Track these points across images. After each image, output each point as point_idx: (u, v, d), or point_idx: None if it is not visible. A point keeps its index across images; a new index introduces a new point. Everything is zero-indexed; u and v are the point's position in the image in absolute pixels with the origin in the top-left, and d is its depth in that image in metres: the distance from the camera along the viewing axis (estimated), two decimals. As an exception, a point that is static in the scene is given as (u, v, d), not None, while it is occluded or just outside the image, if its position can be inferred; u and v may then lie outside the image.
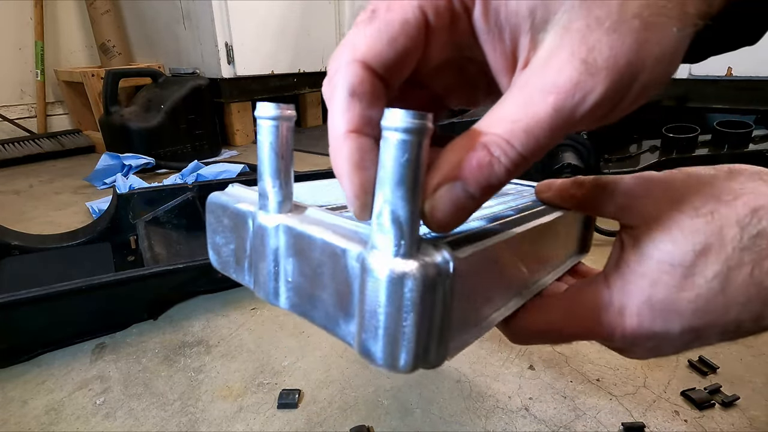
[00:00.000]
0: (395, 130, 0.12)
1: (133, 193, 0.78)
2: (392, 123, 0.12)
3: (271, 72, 1.85)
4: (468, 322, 0.17)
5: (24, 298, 0.50)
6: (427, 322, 0.14)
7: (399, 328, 0.14)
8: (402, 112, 0.12)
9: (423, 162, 0.13)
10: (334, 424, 0.45)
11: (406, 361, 0.14)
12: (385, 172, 0.13)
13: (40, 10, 1.74)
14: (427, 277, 0.14)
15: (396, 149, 0.13)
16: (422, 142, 0.13)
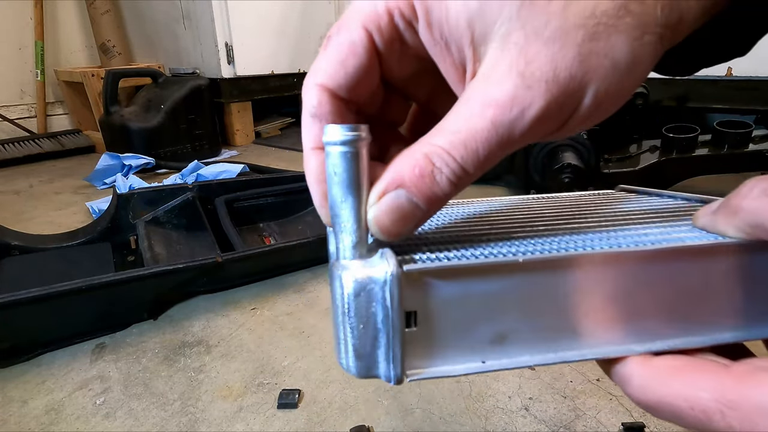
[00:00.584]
0: (332, 144, 0.13)
1: (133, 193, 0.78)
2: (330, 137, 0.13)
3: (271, 72, 1.85)
4: (447, 347, 0.16)
5: (24, 298, 0.50)
6: (360, 328, 0.15)
7: (342, 327, 0.15)
8: (337, 127, 0.13)
9: (362, 170, 0.14)
10: (334, 424, 0.45)
11: (347, 365, 0.15)
12: (329, 181, 0.14)
13: (40, 10, 1.74)
14: (356, 282, 0.14)
15: (334, 160, 0.14)
16: (358, 152, 0.13)
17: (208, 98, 1.57)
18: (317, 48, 1.80)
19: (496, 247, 0.17)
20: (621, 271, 0.16)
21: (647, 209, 0.22)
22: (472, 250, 0.16)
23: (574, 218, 0.21)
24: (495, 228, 0.20)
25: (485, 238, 0.18)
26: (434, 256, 0.16)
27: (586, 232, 0.19)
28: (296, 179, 0.92)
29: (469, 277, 0.15)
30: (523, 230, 0.19)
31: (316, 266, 0.78)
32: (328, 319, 0.63)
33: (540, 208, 0.24)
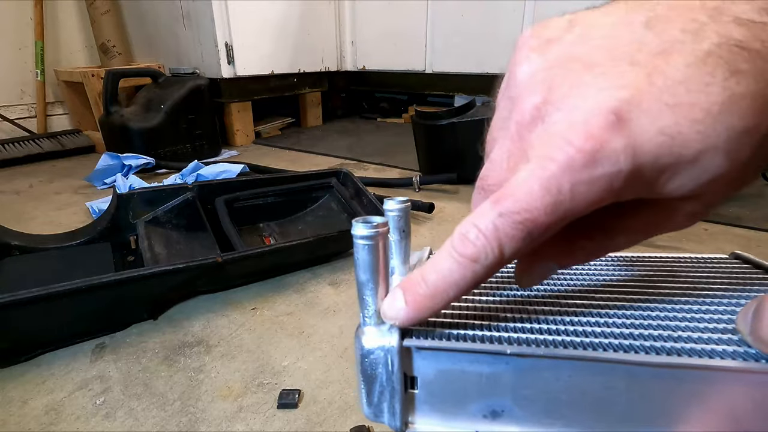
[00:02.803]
0: (356, 237, 0.17)
1: (133, 193, 0.78)
2: (355, 231, 0.17)
3: (271, 72, 1.85)
4: (444, 412, 0.18)
5: (24, 298, 0.50)
6: (370, 383, 0.18)
7: (359, 378, 0.18)
8: (361, 224, 0.17)
9: (379, 258, 0.17)
10: (334, 424, 0.45)
11: (363, 409, 0.19)
12: (355, 265, 0.18)
13: (40, 10, 1.74)
14: (368, 346, 0.18)
15: (357, 250, 0.17)
16: (376, 244, 0.17)
17: (208, 98, 1.57)
18: (317, 48, 1.81)
19: (513, 322, 0.19)
20: (609, 377, 0.16)
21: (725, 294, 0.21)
22: (486, 322, 0.19)
23: (637, 290, 0.22)
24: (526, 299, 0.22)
25: (514, 310, 0.20)
26: (438, 330, 0.18)
27: (615, 306, 0.19)
28: (296, 179, 0.92)
29: (462, 358, 0.17)
30: (563, 300, 0.21)
31: (316, 266, 0.78)
32: (328, 319, 0.63)
33: (612, 275, 0.25)
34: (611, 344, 0.16)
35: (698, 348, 0.16)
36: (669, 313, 0.19)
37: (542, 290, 0.23)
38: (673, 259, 0.26)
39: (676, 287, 0.22)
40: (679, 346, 0.16)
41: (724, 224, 0.91)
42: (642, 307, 0.19)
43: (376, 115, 2.34)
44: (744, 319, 0.16)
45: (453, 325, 0.19)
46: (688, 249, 0.81)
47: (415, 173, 1.26)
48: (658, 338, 0.17)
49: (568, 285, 0.23)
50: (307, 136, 1.96)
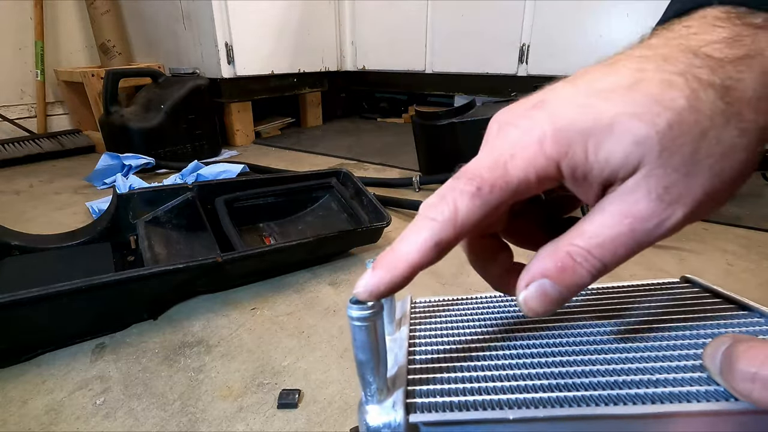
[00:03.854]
0: (352, 319, 0.17)
1: (133, 193, 0.78)
2: (350, 314, 0.17)
3: (271, 72, 1.85)
4: None
5: (24, 298, 0.50)
6: None
7: None
8: (355, 307, 0.17)
9: (377, 338, 0.18)
10: (334, 424, 0.45)
11: None
12: (353, 344, 0.18)
13: (40, 10, 1.74)
14: (373, 425, 0.18)
15: (354, 331, 0.17)
16: (372, 325, 0.17)
17: (208, 98, 1.57)
18: (317, 48, 1.81)
19: (509, 380, 0.20)
20: (603, 429, 0.18)
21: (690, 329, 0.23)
22: (484, 384, 0.20)
23: (603, 328, 0.23)
24: (518, 339, 0.23)
25: (506, 367, 0.21)
26: (440, 400, 0.19)
27: (609, 358, 0.21)
28: (296, 179, 0.92)
29: (466, 427, 0.18)
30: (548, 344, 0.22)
31: (316, 266, 0.78)
32: (328, 319, 0.63)
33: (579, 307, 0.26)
34: (601, 396, 0.18)
35: (676, 392, 0.18)
36: (643, 353, 0.21)
37: (519, 323, 0.25)
38: (630, 288, 0.28)
39: (641, 318, 0.24)
40: (660, 391, 0.18)
41: (724, 224, 0.91)
42: (618, 348, 0.21)
43: (376, 115, 2.34)
44: (712, 361, 0.18)
45: (453, 392, 0.20)
46: (690, 249, 0.81)
47: (415, 173, 1.26)
48: (641, 384, 0.18)
49: (543, 320, 0.25)
50: (307, 136, 1.96)
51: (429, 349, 0.23)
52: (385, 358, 0.19)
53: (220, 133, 1.66)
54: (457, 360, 0.22)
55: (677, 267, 0.75)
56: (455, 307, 0.28)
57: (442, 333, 0.25)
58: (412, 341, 0.24)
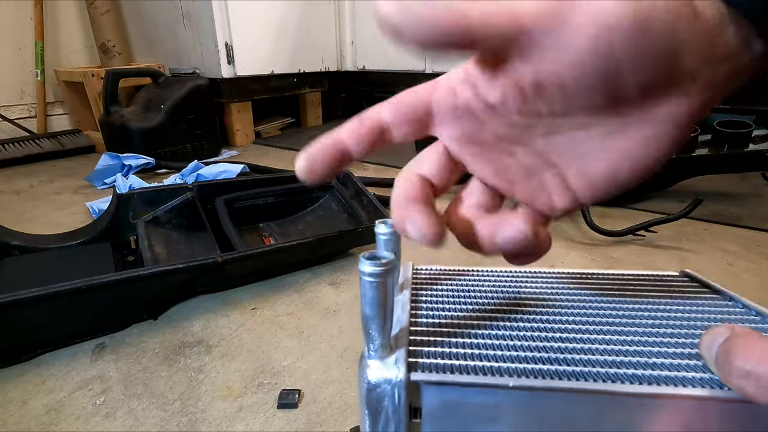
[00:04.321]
0: (363, 274, 0.17)
1: (133, 193, 0.78)
2: (362, 269, 0.17)
3: (271, 72, 1.85)
4: None
5: (24, 298, 0.50)
6: (376, 414, 0.19)
7: (363, 410, 0.19)
8: (368, 262, 0.17)
9: (387, 294, 0.18)
10: (334, 424, 0.45)
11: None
12: (362, 300, 0.18)
13: (40, 10, 1.74)
14: (374, 380, 0.18)
15: (365, 286, 0.18)
16: (384, 281, 0.17)
17: (208, 98, 1.57)
18: (317, 48, 1.81)
19: (509, 350, 0.20)
20: (598, 406, 0.18)
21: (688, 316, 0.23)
22: (485, 351, 0.20)
23: (605, 311, 0.24)
24: (517, 313, 0.23)
25: (507, 338, 0.21)
26: (441, 362, 0.19)
27: (599, 338, 0.21)
28: (296, 179, 0.92)
29: (465, 389, 0.18)
30: (545, 322, 0.22)
31: (316, 266, 0.78)
32: (328, 319, 0.63)
33: (581, 288, 0.27)
34: (599, 373, 0.18)
35: (672, 376, 0.18)
36: (641, 337, 0.21)
37: (522, 305, 0.25)
38: (632, 276, 0.29)
39: (641, 306, 0.24)
40: (656, 374, 0.18)
41: (725, 224, 0.91)
42: (617, 330, 0.22)
43: (376, 115, 2.33)
44: (709, 351, 0.18)
45: (453, 355, 0.20)
46: (690, 249, 0.81)
47: (415, 173, 1.26)
48: (638, 365, 0.19)
49: (544, 298, 0.25)
50: (307, 136, 1.96)
51: (431, 314, 0.24)
52: (392, 316, 0.19)
53: (220, 133, 1.66)
54: (459, 327, 0.22)
55: (677, 267, 0.75)
56: (458, 277, 0.29)
57: (444, 299, 0.25)
58: (414, 305, 0.25)
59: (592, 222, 0.84)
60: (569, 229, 0.91)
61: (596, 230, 0.83)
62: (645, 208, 0.99)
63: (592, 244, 0.84)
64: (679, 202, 1.01)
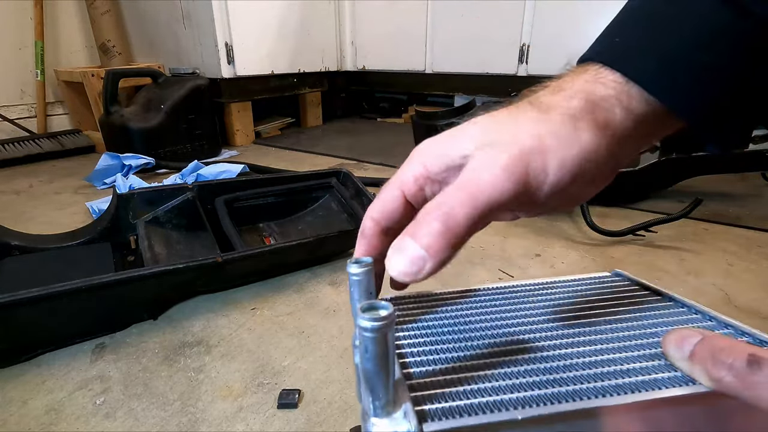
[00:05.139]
0: (364, 329, 0.16)
1: (133, 193, 0.78)
2: (362, 324, 0.17)
3: (271, 72, 1.85)
4: None
5: (24, 298, 0.50)
6: None
7: None
8: (367, 317, 0.16)
9: (389, 348, 0.17)
10: (334, 424, 0.45)
11: None
12: (362, 356, 0.17)
13: (40, 10, 1.74)
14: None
15: (366, 342, 0.17)
16: (385, 335, 0.17)
17: (208, 98, 1.57)
18: (317, 48, 1.81)
19: (503, 379, 0.20)
20: (605, 420, 0.19)
21: (641, 323, 0.25)
22: (482, 384, 0.20)
23: (569, 326, 0.25)
24: (500, 346, 0.24)
25: (492, 363, 0.22)
26: (446, 405, 0.19)
27: (582, 353, 0.22)
28: (296, 179, 0.92)
29: (478, 430, 0.18)
30: (528, 350, 0.23)
31: (316, 266, 0.78)
32: (328, 319, 0.63)
33: (538, 305, 0.28)
34: (589, 389, 0.19)
35: (648, 380, 0.20)
36: (606, 345, 0.23)
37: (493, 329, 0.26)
38: (572, 281, 0.31)
39: (589, 312, 0.26)
40: (634, 380, 0.20)
41: (725, 224, 0.91)
42: (583, 341, 0.23)
43: (376, 115, 2.34)
44: (678, 351, 0.20)
45: (455, 395, 0.20)
46: (689, 249, 0.81)
47: (415, 173, 1.26)
48: (617, 375, 0.20)
49: (510, 314, 0.27)
50: (307, 136, 1.96)
51: (419, 351, 0.24)
52: (394, 369, 0.18)
53: (220, 133, 1.66)
54: (447, 361, 0.22)
55: (677, 267, 0.75)
56: (427, 303, 0.29)
57: (424, 332, 0.26)
58: (398, 342, 0.24)
59: (592, 222, 0.84)
60: (569, 229, 0.91)
61: (596, 230, 0.83)
62: (645, 208, 0.99)
63: (592, 244, 0.84)
64: (679, 202, 1.01)
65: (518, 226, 0.93)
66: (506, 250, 0.83)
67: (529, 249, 0.83)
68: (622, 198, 1.02)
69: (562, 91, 0.22)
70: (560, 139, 0.20)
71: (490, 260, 0.79)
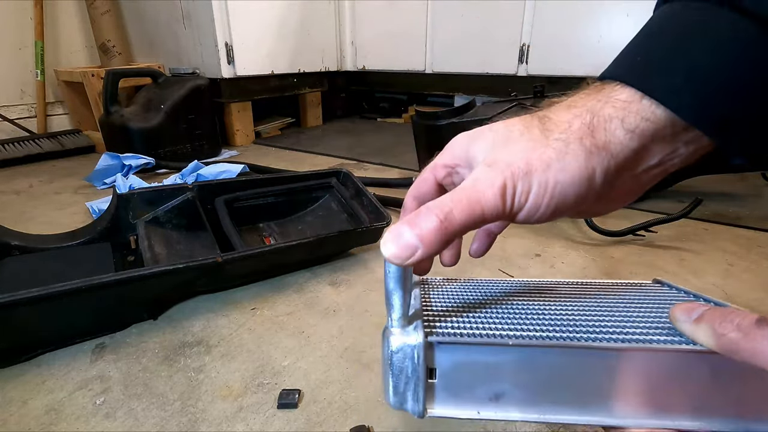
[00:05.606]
0: None
1: (133, 193, 0.78)
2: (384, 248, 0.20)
3: (271, 72, 1.85)
4: (457, 398, 0.22)
5: (24, 298, 0.50)
6: (398, 375, 0.22)
7: (386, 373, 0.22)
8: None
9: (408, 273, 0.21)
10: (334, 424, 0.45)
11: (389, 399, 0.22)
12: (385, 276, 0.22)
13: (40, 10, 1.74)
14: (397, 344, 0.22)
15: (390, 266, 0.21)
16: None
17: (208, 98, 1.57)
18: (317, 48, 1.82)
19: (506, 326, 0.23)
20: (594, 362, 0.21)
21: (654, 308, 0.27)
22: (486, 326, 0.23)
23: (590, 307, 0.27)
24: (517, 309, 0.26)
25: (504, 319, 0.24)
26: (452, 331, 0.22)
27: (589, 320, 0.24)
28: (296, 179, 0.92)
29: (473, 350, 0.22)
30: (540, 313, 0.26)
31: (316, 266, 0.78)
32: (328, 319, 0.63)
33: (569, 293, 0.30)
34: (584, 337, 0.22)
35: (646, 339, 0.22)
36: (618, 320, 0.25)
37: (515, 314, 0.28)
38: (611, 284, 0.33)
39: (617, 305, 0.28)
40: (635, 337, 0.22)
41: (725, 224, 0.91)
42: (601, 321, 0.25)
43: (376, 115, 2.34)
44: (686, 315, 0.22)
45: (462, 328, 0.23)
46: (690, 249, 0.81)
47: (415, 173, 1.26)
48: (614, 333, 0.22)
49: (536, 301, 0.29)
50: (307, 136, 1.96)
51: (440, 304, 0.27)
52: (410, 289, 0.22)
53: (220, 133, 1.66)
54: (466, 311, 0.26)
55: (677, 267, 0.75)
56: (459, 283, 0.33)
57: (449, 295, 0.29)
58: (424, 297, 0.28)
59: (592, 222, 0.84)
60: (569, 229, 0.91)
61: (596, 230, 0.83)
62: (645, 208, 0.99)
63: (592, 244, 0.84)
64: (679, 202, 1.01)
65: (518, 227, 0.93)
66: (506, 250, 0.83)
67: (529, 249, 0.83)
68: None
69: (574, 108, 0.23)
70: (546, 165, 0.22)
71: (490, 260, 0.79)
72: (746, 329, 0.18)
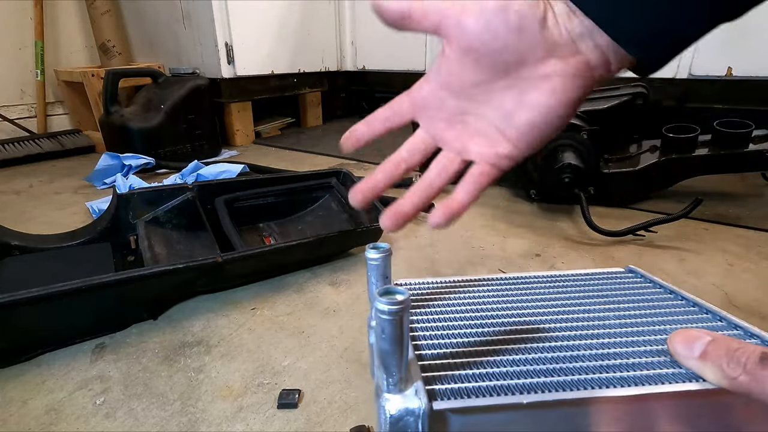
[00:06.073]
0: (381, 313, 0.18)
1: (133, 193, 0.78)
2: (380, 307, 0.18)
3: (271, 72, 1.85)
4: None
5: (24, 298, 0.50)
6: None
7: None
8: (385, 300, 0.18)
9: (404, 330, 0.18)
10: (334, 424, 0.45)
11: None
12: (377, 337, 0.19)
13: (40, 10, 1.74)
14: (396, 412, 0.19)
15: (383, 324, 0.18)
16: (401, 318, 0.18)
17: (208, 98, 1.57)
18: (317, 48, 1.81)
19: (507, 362, 0.22)
20: (607, 411, 0.20)
21: (649, 317, 0.26)
22: (488, 367, 0.21)
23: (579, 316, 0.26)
24: (507, 334, 0.25)
25: (500, 349, 0.23)
26: (456, 386, 0.20)
27: (587, 354, 0.23)
28: (296, 179, 0.92)
29: (483, 412, 0.19)
30: (535, 339, 0.24)
31: (316, 266, 0.78)
32: (328, 319, 0.63)
33: (547, 296, 0.29)
34: (593, 380, 0.20)
35: (651, 374, 0.21)
36: (614, 338, 0.24)
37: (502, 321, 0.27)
38: (584, 275, 0.33)
39: (601, 306, 0.27)
40: (639, 374, 0.21)
41: (725, 224, 0.91)
42: (593, 334, 0.24)
43: (376, 115, 2.33)
44: (688, 348, 0.21)
45: (464, 377, 0.21)
46: (689, 249, 0.81)
47: (415, 173, 1.26)
48: (622, 368, 0.21)
49: (523, 303, 0.28)
50: (307, 136, 1.96)
51: (431, 334, 0.25)
52: (408, 350, 0.20)
53: (220, 133, 1.66)
54: (458, 345, 0.24)
55: (677, 267, 0.75)
56: (441, 290, 0.31)
57: (437, 317, 0.27)
58: (411, 326, 0.26)
59: (592, 222, 0.84)
60: (569, 229, 0.91)
61: (596, 230, 0.83)
62: (645, 208, 0.99)
63: (592, 244, 0.84)
64: (679, 202, 1.01)
65: (518, 227, 0.93)
66: (506, 250, 0.83)
67: (529, 249, 0.83)
68: (622, 198, 1.02)
69: None
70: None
71: (490, 260, 0.79)
72: (753, 370, 0.19)
